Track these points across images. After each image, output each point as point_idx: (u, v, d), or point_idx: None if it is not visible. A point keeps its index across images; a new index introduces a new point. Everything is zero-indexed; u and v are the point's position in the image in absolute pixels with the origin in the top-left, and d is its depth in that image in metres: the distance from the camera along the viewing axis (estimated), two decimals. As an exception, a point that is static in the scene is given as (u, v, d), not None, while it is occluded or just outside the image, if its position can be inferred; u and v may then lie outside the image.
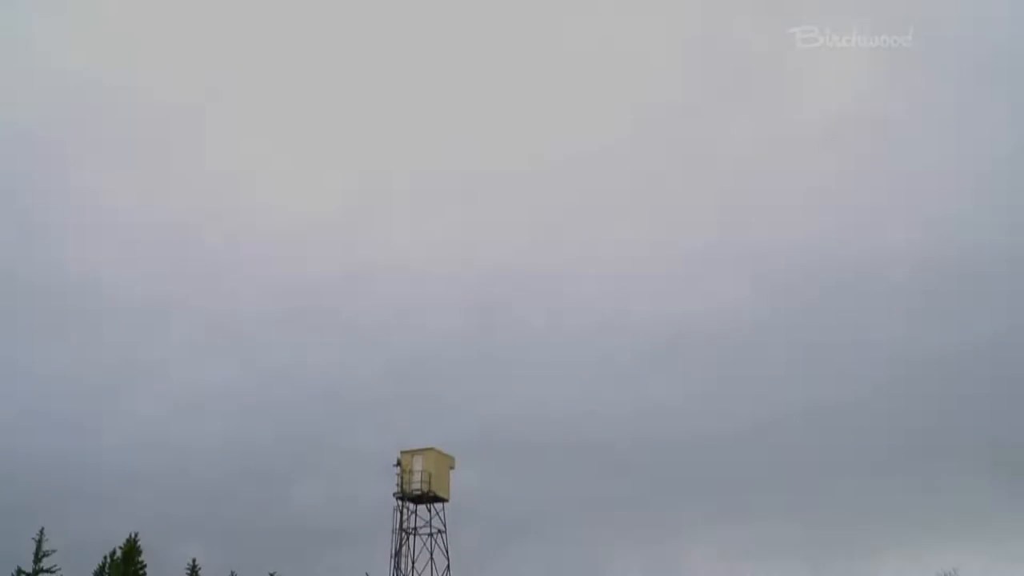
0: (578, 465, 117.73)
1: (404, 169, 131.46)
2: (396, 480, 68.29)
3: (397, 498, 68.59)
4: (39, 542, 69.22)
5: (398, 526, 68.47)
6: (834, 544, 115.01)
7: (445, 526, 69.23)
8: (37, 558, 68.85)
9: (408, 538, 68.58)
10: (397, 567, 67.95)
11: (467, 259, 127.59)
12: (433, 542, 68.69)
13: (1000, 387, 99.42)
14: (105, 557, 72.09)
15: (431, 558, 68.29)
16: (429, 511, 69.31)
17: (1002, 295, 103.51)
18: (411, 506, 69.01)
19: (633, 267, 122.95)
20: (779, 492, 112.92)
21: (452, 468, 70.94)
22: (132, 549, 71.89)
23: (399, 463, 68.41)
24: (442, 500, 69.38)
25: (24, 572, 68.75)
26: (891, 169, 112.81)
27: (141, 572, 71.57)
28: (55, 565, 69.45)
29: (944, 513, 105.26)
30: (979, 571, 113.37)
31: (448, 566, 68.39)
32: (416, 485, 67.59)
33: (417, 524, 69.01)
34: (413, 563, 68.33)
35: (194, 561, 74.23)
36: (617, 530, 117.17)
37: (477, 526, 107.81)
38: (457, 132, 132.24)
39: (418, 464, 68.10)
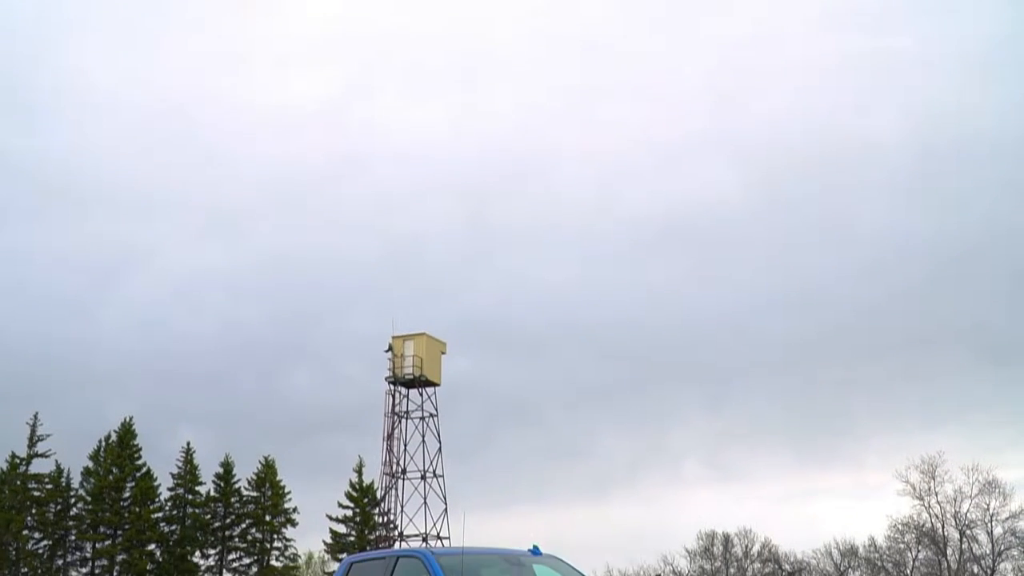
0: (568, 351, 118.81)
1: (396, 54, 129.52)
2: (388, 365, 68.80)
3: (389, 382, 69.16)
4: (33, 426, 69.70)
5: (390, 410, 69.22)
6: (818, 428, 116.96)
7: (437, 410, 70.03)
8: (31, 442, 69.43)
9: (400, 422, 69.42)
10: (389, 450, 68.93)
11: (459, 145, 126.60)
12: (425, 425, 69.56)
13: (987, 277, 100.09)
14: (100, 441, 72.67)
15: (423, 441, 69.25)
16: (421, 395, 69.97)
17: (992, 185, 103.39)
18: (403, 390, 69.62)
19: (624, 152, 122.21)
20: (765, 377, 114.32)
21: (443, 353, 71.37)
22: (127, 432, 72.43)
23: (391, 348, 68.75)
24: (434, 384, 69.96)
25: (18, 457, 69.40)
26: (881, 53, 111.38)
27: (136, 455, 72.29)
28: (50, 449, 70.14)
29: (929, 399, 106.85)
30: (963, 456, 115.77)
31: (440, 449, 69.38)
32: (408, 370, 68.06)
33: (409, 408, 69.78)
34: (405, 446, 69.31)
35: (188, 444, 74.99)
36: (606, 415, 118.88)
37: (468, 410, 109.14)
38: (449, 15, 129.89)
39: (409, 349, 68.46)
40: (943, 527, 69.68)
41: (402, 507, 68.51)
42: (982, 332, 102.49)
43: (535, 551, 11.33)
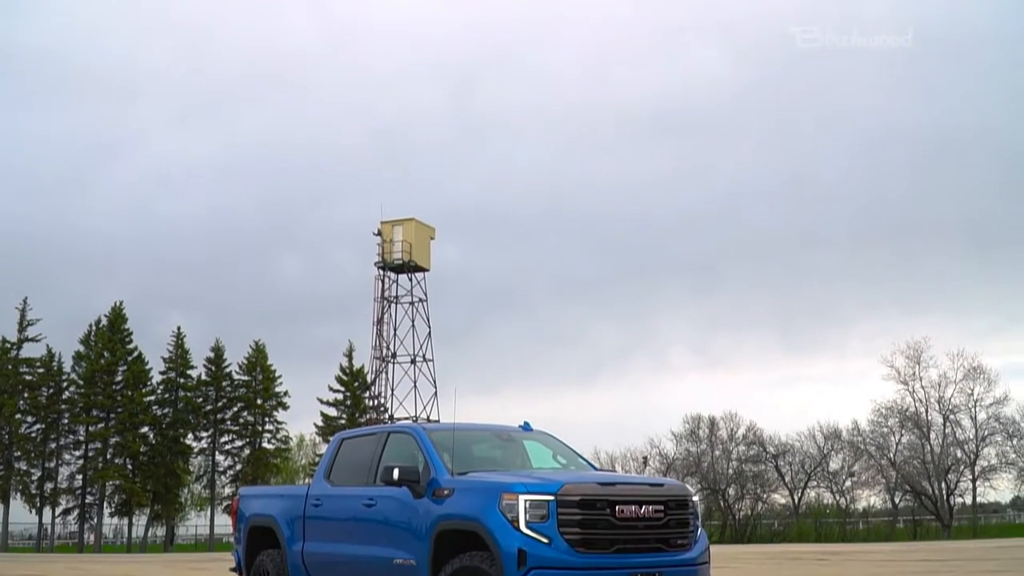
0: (558, 239, 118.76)
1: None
2: (377, 250, 68.68)
3: (378, 268, 69.16)
4: (23, 311, 69.73)
5: (379, 295, 69.36)
6: (805, 314, 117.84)
7: (426, 295, 70.20)
8: (21, 327, 69.55)
9: (390, 307, 69.62)
10: (379, 334, 69.28)
11: (446, 24, 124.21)
12: (414, 311, 69.81)
13: (979, 164, 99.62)
14: (90, 325, 72.83)
15: (412, 326, 69.58)
16: (410, 280, 70.04)
17: (991, 71, 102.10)
18: (392, 276, 69.67)
19: (615, 34, 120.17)
20: (754, 265, 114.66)
21: (432, 239, 71.26)
22: (118, 317, 72.56)
23: (379, 233, 68.56)
24: (423, 270, 69.99)
25: (9, 341, 69.54)
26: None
27: (127, 339, 72.54)
28: (40, 334, 70.31)
29: (916, 286, 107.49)
30: (949, 342, 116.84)
31: (429, 334, 69.74)
32: (397, 255, 67.99)
33: (399, 293, 69.92)
34: (395, 331, 69.66)
35: (179, 328, 75.25)
36: (594, 302, 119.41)
37: (458, 297, 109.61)
38: None
39: (398, 234, 68.28)
40: (927, 412, 70.66)
41: (392, 391, 69.19)
42: (969, 220, 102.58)
43: (526, 427, 11.36)
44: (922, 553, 35.35)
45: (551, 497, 8.38)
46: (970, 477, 69.63)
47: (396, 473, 9.41)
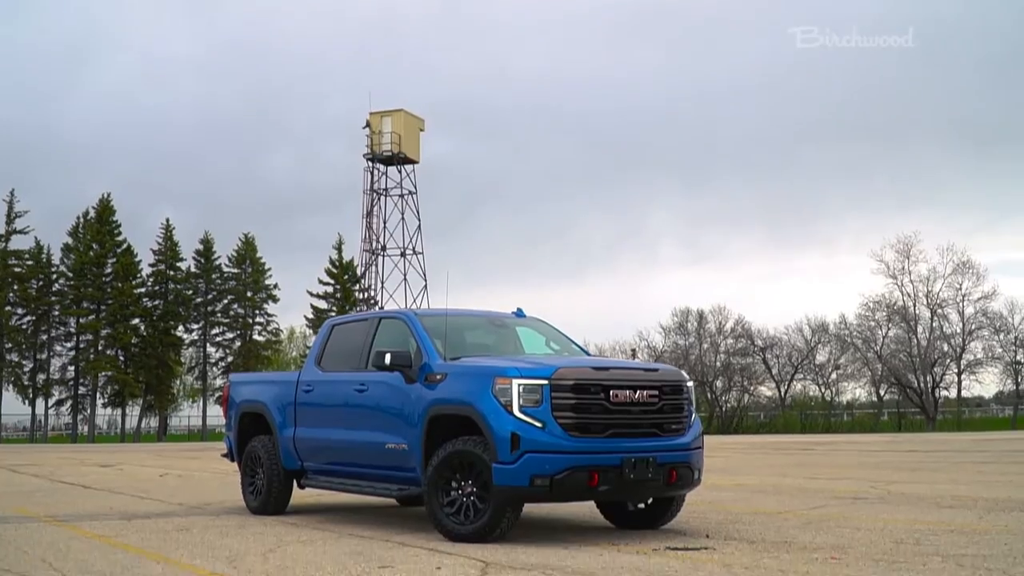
0: (548, 134, 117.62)
1: None
2: (366, 142, 67.91)
3: (367, 160, 68.50)
4: (10, 203, 69.08)
5: (369, 188, 68.85)
6: (793, 210, 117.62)
7: (416, 188, 69.69)
8: (9, 219, 68.99)
9: (379, 199, 69.17)
10: (369, 227, 68.97)
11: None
12: (404, 203, 69.37)
13: (972, 63, 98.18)
14: (78, 217, 72.43)
15: (402, 219, 69.23)
16: (400, 173, 69.44)
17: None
18: (381, 168, 69.05)
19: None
20: (743, 161, 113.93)
21: (422, 131, 70.42)
22: (106, 209, 72.06)
23: (368, 125, 67.70)
24: (412, 162, 69.32)
25: (-3, 233, 69.15)
26: None
27: (116, 231, 72.15)
28: (28, 226, 69.84)
29: (907, 181, 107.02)
30: (939, 239, 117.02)
31: (419, 227, 69.43)
32: (386, 147, 67.23)
33: (388, 186, 69.40)
34: (384, 223, 69.34)
35: (168, 221, 74.82)
36: (584, 199, 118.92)
37: (447, 192, 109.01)
38: None
39: (387, 126, 67.41)
40: (915, 306, 71.15)
41: (382, 283, 69.20)
42: (959, 117, 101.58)
43: (519, 314, 11.23)
44: (908, 444, 35.83)
45: (545, 381, 8.27)
46: (956, 371, 70.41)
47: (388, 358, 9.30)
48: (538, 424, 8.19)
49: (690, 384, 9.40)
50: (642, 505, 9.64)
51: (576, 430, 8.27)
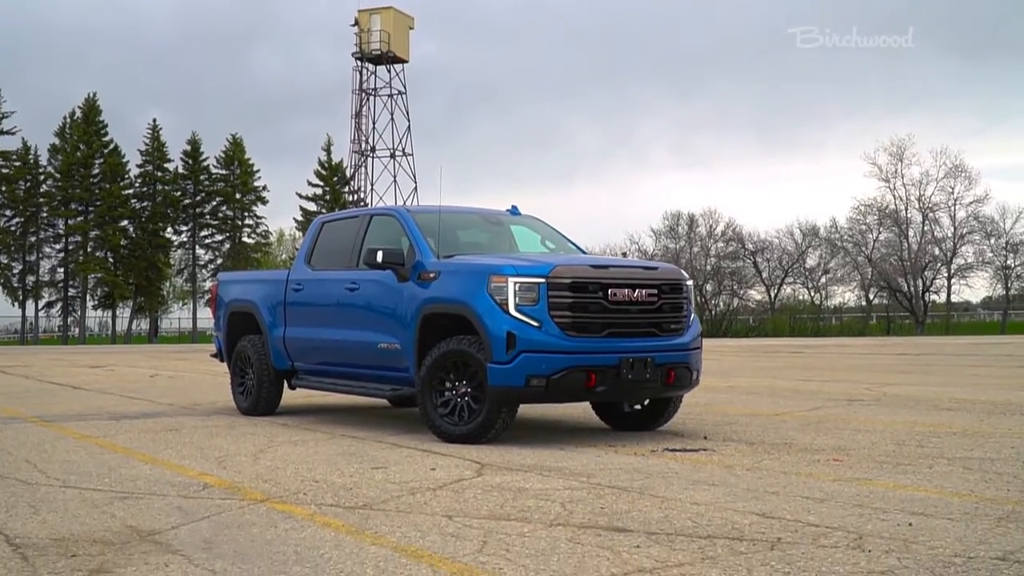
0: (538, 34, 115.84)
1: None
2: (355, 41, 66.68)
3: (356, 59, 67.37)
4: (-6, 103, 68.14)
5: (358, 87, 67.82)
6: (783, 114, 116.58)
7: (405, 87, 68.67)
8: (-6, 118, 68.11)
9: (368, 99, 68.19)
10: (358, 127, 68.12)
11: None
12: (393, 103, 68.44)
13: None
14: (65, 118, 71.57)
15: (392, 119, 68.39)
16: (389, 72, 68.42)
17: None
18: (370, 67, 67.97)
19: None
20: (733, 66, 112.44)
21: (411, 28, 69.13)
22: (92, 109, 71.13)
23: (357, 23, 66.39)
24: (401, 61, 68.20)
25: (-18, 133, 68.23)
26: None
27: (103, 132, 71.29)
28: (15, 127, 68.98)
29: (899, 86, 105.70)
30: (932, 143, 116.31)
31: (408, 127, 68.63)
32: (375, 45, 66.06)
33: (377, 85, 68.37)
34: (374, 124, 68.50)
35: (155, 121, 73.86)
36: (575, 104, 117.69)
37: (437, 94, 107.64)
38: None
39: (376, 23, 66.12)
40: (907, 209, 70.88)
41: (372, 185, 68.70)
42: (950, 23, 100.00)
43: (514, 211, 10.92)
44: (898, 348, 35.94)
45: (541, 279, 8.01)
46: (946, 275, 70.53)
47: (380, 256, 9.00)
48: (534, 323, 7.96)
49: (689, 283, 9.17)
50: (638, 406, 9.49)
51: (573, 329, 8.03)
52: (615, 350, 8.16)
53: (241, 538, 4.75)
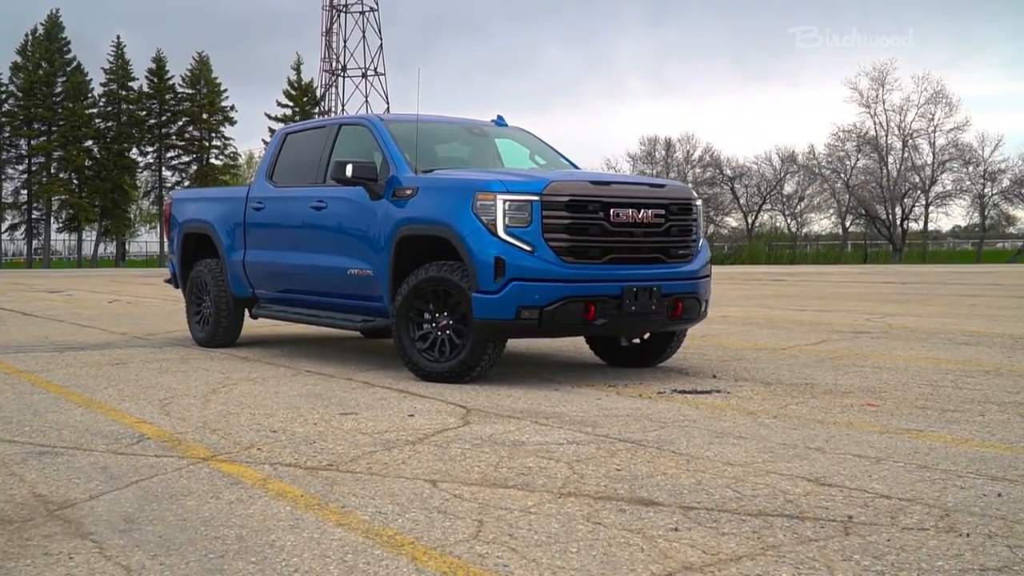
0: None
1: None
2: (325, -45, 64.55)
3: (327, -26, 65.30)
4: (-52, 15, 65.72)
5: (328, 3, 65.76)
6: (761, 42, 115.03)
7: (377, 4, 66.61)
8: (-51, 32, 65.72)
9: (339, 16, 66.17)
10: (328, 46, 66.21)
11: None
12: (365, 21, 66.44)
13: None
14: (26, 35, 69.35)
15: (363, 37, 66.46)
16: (361, -11, 66.36)
17: None
18: (342, -17, 65.95)
19: None
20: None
21: (384, -56, 66.98)
22: (54, 25, 68.98)
23: (328, -63, 64.20)
24: (374, -23, 66.19)
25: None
26: None
27: (66, 49, 69.16)
28: (-30, 40, 66.66)
29: (880, 11, 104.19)
30: (915, 68, 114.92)
31: (381, 46, 66.72)
32: (346, -40, 64.03)
33: (348, 1, 66.29)
34: (345, 42, 66.55)
35: (119, 38, 71.62)
36: (550, 28, 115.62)
37: (410, 15, 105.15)
38: None
39: (348, -62, 64.02)
40: (887, 136, 69.96)
41: (343, 105, 67.00)
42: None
43: (500, 122, 9.83)
44: (880, 276, 35.26)
45: (535, 197, 6.97)
46: (924, 203, 69.98)
47: (349, 169, 7.91)
48: (526, 247, 6.93)
49: (699, 203, 8.12)
50: (637, 340, 8.55)
51: (570, 255, 7.01)
52: (617, 278, 7.17)
53: (171, 515, 3.78)
